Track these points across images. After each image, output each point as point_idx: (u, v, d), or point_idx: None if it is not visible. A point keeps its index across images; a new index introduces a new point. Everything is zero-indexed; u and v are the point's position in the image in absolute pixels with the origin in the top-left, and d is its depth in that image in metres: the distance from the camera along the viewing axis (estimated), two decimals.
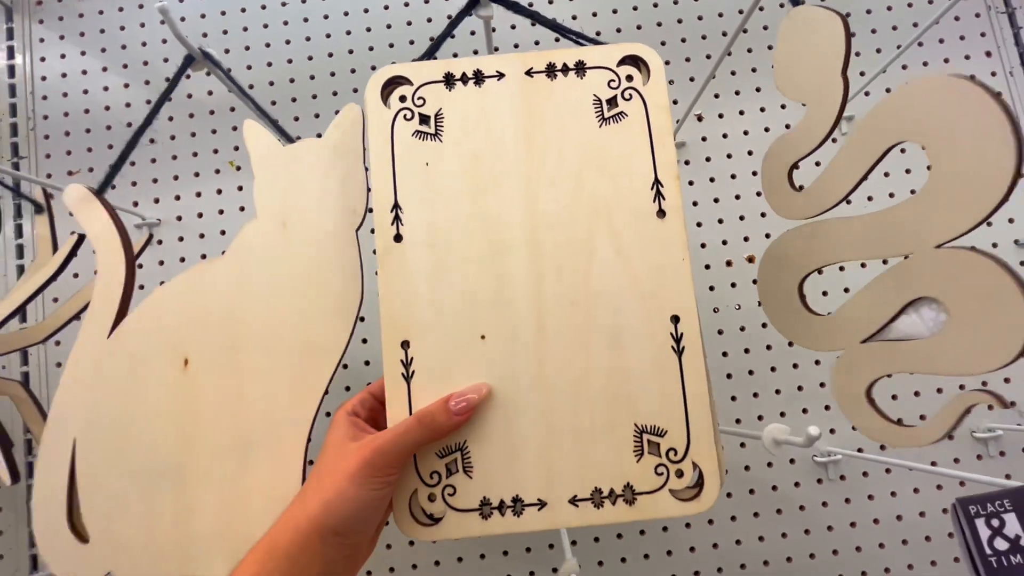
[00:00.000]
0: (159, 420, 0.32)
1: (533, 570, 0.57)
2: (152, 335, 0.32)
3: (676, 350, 0.32)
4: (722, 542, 0.56)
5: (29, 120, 0.63)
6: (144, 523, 0.31)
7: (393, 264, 0.31)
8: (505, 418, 0.31)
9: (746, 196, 0.60)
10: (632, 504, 0.31)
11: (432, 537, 0.31)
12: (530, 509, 0.31)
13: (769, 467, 0.57)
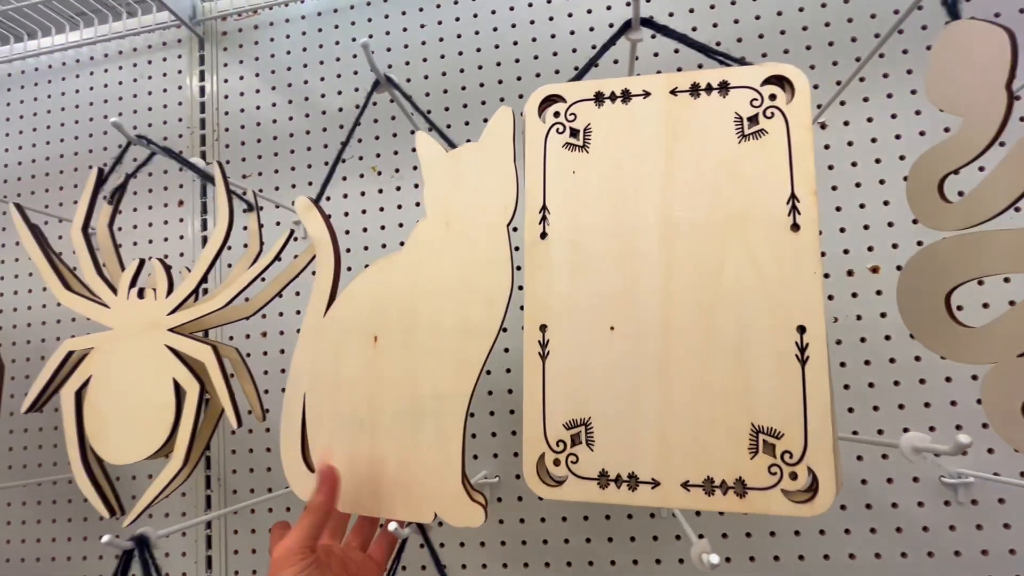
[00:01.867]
0: (357, 384, 0.39)
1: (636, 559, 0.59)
2: (351, 318, 0.39)
3: (800, 359, 0.33)
4: (834, 554, 0.55)
5: (215, 132, 0.76)
6: (348, 463, 0.38)
7: (537, 257, 0.36)
8: (627, 402, 0.34)
9: (872, 205, 0.59)
10: (742, 497, 0.33)
11: (553, 496, 0.35)
12: (644, 486, 0.34)
13: (889, 483, 0.55)
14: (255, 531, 0.68)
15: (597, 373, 0.35)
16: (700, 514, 0.58)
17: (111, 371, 0.43)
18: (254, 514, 0.68)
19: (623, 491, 0.34)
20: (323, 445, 0.39)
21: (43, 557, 0.72)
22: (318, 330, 0.40)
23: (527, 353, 0.36)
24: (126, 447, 0.42)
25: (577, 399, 0.35)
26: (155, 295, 0.44)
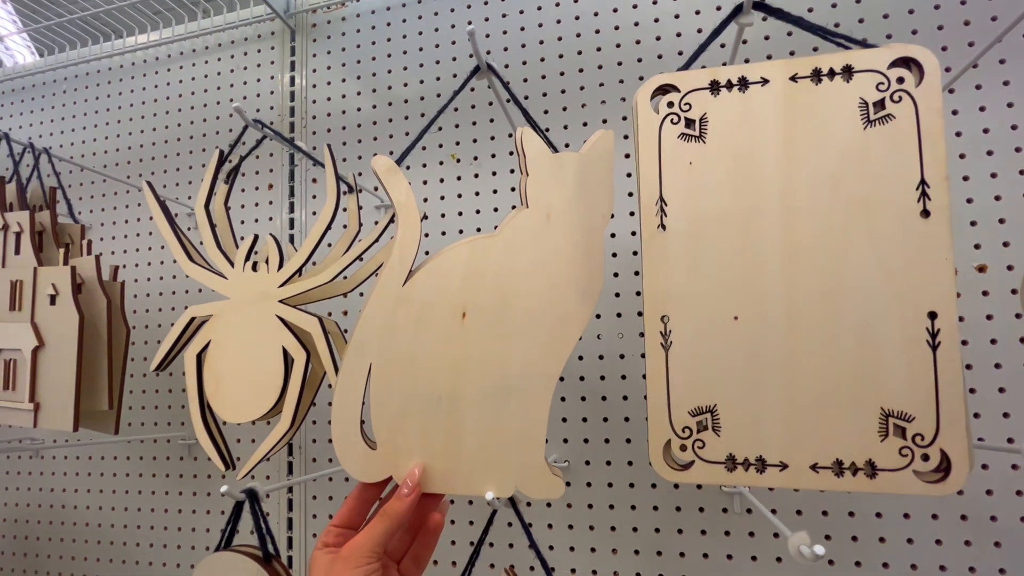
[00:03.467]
0: (439, 357, 0.40)
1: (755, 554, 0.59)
2: (438, 290, 0.40)
3: (931, 345, 0.32)
4: (922, 564, 0.53)
5: (303, 120, 0.80)
6: (420, 439, 0.39)
7: (656, 249, 0.36)
8: (752, 389, 0.34)
9: (1009, 197, 0.54)
10: (873, 478, 0.32)
11: (681, 480, 0.35)
12: (772, 469, 0.34)
13: (988, 495, 0.52)
14: (332, 498, 0.72)
15: (721, 362, 0.35)
16: (776, 511, 0.57)
17: (228, 337, 0.47)
18: (331, 482, 0.72)
19: (751, 474, 0.34)
20: (392, 418, 0.40)
21: (157, 508, 0.79)
22: (395, 299, 0.40)
23: (649, 343, 0.36)
24: (240, 407, 0.46)
25: (701, 387, 0.35)
26: (267, 268, 0.47)
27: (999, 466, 0.52)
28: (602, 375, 0.63)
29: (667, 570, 0.60)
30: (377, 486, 0.39)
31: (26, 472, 0.85)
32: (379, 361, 0.41)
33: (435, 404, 0.40)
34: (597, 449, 0.63)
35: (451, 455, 0.40)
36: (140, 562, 0.78)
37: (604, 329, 0.64)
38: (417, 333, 0.41)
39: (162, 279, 0.80)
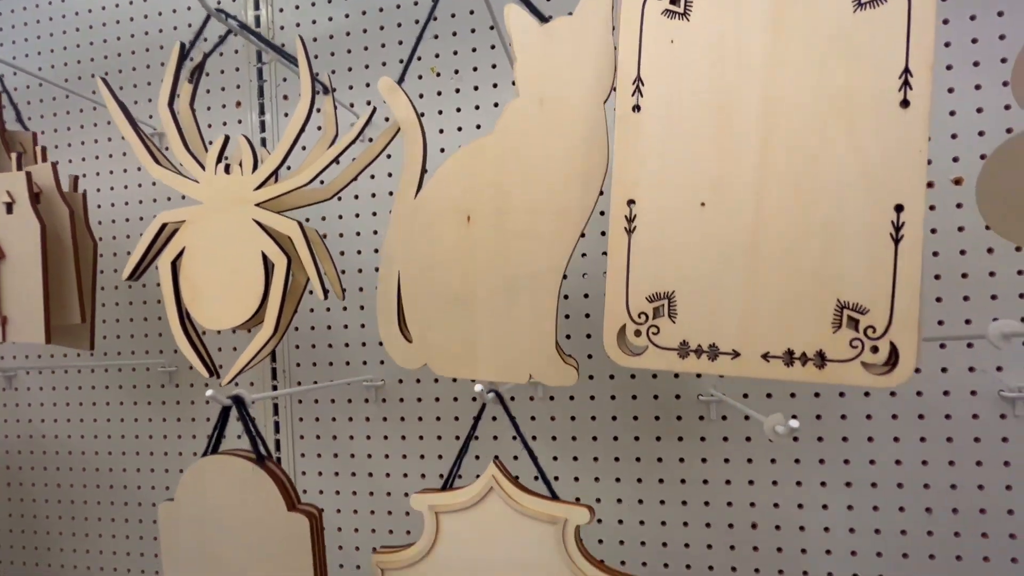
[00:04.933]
0: (451, 262, 0.40)
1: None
2: (443, 198, 0.40)
3: (894, 238, 0.33)
4: (880, 459, 0.57)
5: (269, 30, 0.75)
6: (446, 334, 0.41)
7: (628, 131, 0.35)
8: (713, 277, 0.35)
9: (991, 109, 0.54)
10: (821, 368, 0.34)
11: (632, 365, 0.37)
12: (724, 357, 0.35)
13: (945, 396, 0.56)
14: (317, 401, 0.73)
15: (684, 248, 0.35)
16: (748, 418, 0.60)
17: (203, 243, 0.45)
18: (315, 384, 0.73)
19: (703, 361, 0.35)
20: (420, 317, 0.42)
21: (141, 435, 0.79)
22: (410, 212, 0.41)
23: (613, 227, 0.36)
24: (220, 314, 0.45)
25: (661, 273, 0.36)
26: (241, 171, 0.45)
27: (929, 370, 0.55)
28: (586, 293, 0.64)
29: (645, 474, 0.63)
30: None
31: (0, 404, 0.83)
32: (404, 269, 0.43)
33: (452, 303, 0.42)
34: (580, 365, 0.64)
35: (471, 348, 0.42)
36: (128, 486, 0.79)
37: (589, 248, 0.64)
38: (430, 241, 0.42)
39: (127, 188, 0.76)
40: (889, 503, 0.57)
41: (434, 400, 0.69)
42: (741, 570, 0.61)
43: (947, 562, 0.56)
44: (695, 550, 0.62)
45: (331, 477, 0.72)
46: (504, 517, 0.40)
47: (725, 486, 0.61)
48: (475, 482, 0.41)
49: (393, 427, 0.70)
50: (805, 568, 0.59)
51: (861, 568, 0.58)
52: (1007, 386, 0.54)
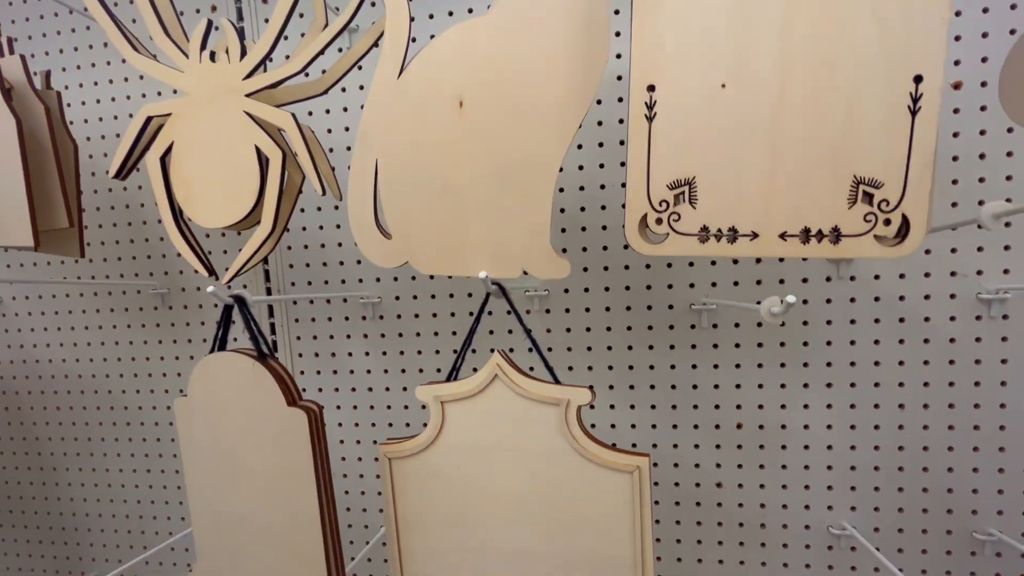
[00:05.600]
0: (440, 149, 0.39)
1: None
2: (432, 80, 0.39)
3: (911, 110, 0.33)
4: (861, 361, 0.60)
5: None
6: (430, 228, 0.40)
7: (647, 13, 0.34)
8: (734, 159, 0.35)
9: (996, 8, 0.53)
10: (836, 244, 0.35)
11: (655, 253, 0.37)
12: (743, 239, 0.36)
13: (926, 300, 0.58)
14: (312, 302, 0.73)
15: (705, 132, 0.35)
16: (739, 325, 0.62)
17: (193, 137, 0.43)
18: (310, 285, 0.72)
19: (723, 244, 0.36)
20: (402, 210, 0.41)
21: (138, 357, 0.79)
22: (392, 95, 0.39)
23: (632, 116, 0.36)
24: (216, 212, 0.44)
25: (682, 159, 0.36)
26: (228, 58, 0.42)
27: (912, 275, 0.57)
28: (582, 207, 0.64)
29: (637, 381, 0.65)
30: None
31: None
32: (384, 156, 0.41)
33: (440, 194, 0.40)
34: (576, 279, 0.65)
35: (459, 241, 0.41)
36: (130, 407, 0.80)
37: (586, 160, 0.63)
38: (416, 126, 0.40)
39: (100, 86, 0.73)
40: (865, 401, 0.61)
41: (431, 316, 0.70)
42: (725, 466, 0.65)
43: (915, 453, 0.60)
44: (683, 450, 0.65)
45: (331, 393, 0.74)
46: (508, 402, 0.41)
47: (713, 390, 0.64)
48: (479, 371, 0.42)
49: (391, 343, 0.71)
50: (784, 462, 0.63)
51: (835, 460, 0.62)
52: (985, 288, 0.56)
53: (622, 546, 0.40)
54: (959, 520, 0.60)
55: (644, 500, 0.39)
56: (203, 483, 0.47)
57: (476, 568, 0.43)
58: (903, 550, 0.62)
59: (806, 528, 0.64)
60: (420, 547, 0.44)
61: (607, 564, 0.40)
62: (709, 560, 0.66)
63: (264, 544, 0.46)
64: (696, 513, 0.66)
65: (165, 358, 0.78)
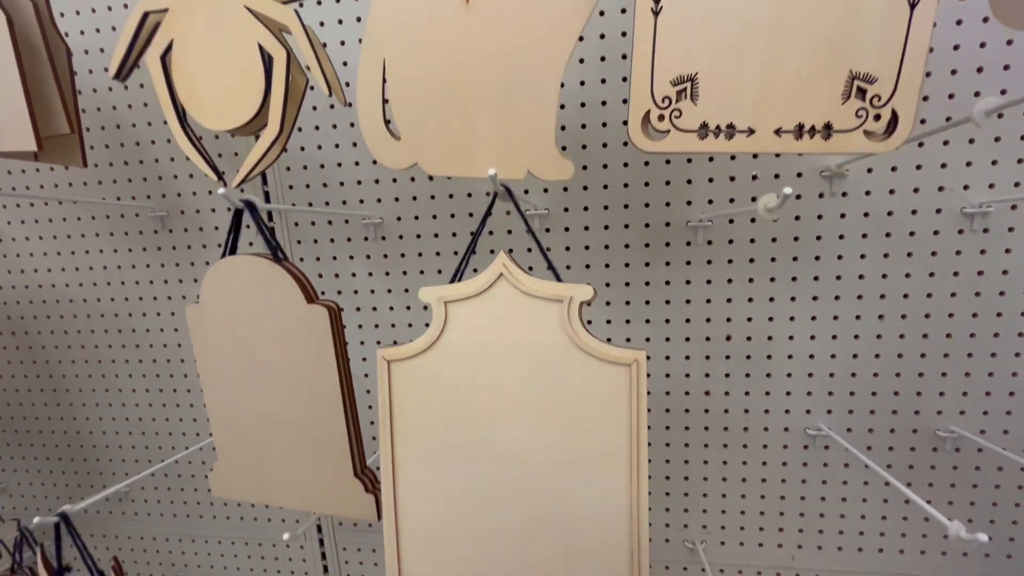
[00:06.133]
0: (448, 51, 0.39)
1: None
2: None
3: (910, 2, 0.34)
4: (846, 275, 0.63)
5: None
6: (438, 132, 0.41)
7: None
8: (734, 55, 0.36)
9: None
10: (827, 139, 0.36)
11: (655, 149, 0.38)
12: (740, 135, 0.37)
13: (913, 215, 0.60)
14: (314, 224, 0.74)
15: (708, 27, 0.35)
16: (733, 241, 0.64)
17: (193, 35, 0.43)
18: (311, 207, 0.74)
19: (720, 140, 0.37)
20: (411, 112, 0.41)
21: (142, 281, 0.80)
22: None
23: (639, 10, 0.36)
24: (221, 113, 0.44)
25: (686, 54, 0.36)
26: None
27: (902, 190, 0.59)
28: (582, 124, 0.64)
29: (633, 297, 0.68)
30: None
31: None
32: (392, 56, 0.40)
33: (449, 99, 0.41)
34: (576, 198, 0.66)
35: (466, 144, 0.42)
36: (137, 330, 0.82)
37: (588, 75, 0.62)
38: (422, 23, 0.39)
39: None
40: (848, 313, 0.64)
41: (433, 236, 0.71)
42: (714, 376, 0.69)
43: (890, 360, 0.64)
44: (674, 362, 0.69)
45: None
46: (512, 301, 0.43)
47: (706, 305, 0.67)
48: (484, 271, 0.43)
49: (394, 264, 0.73)
50: (769, 371, 0.67)
51: (816, 368, 0.66)
52: (969, 203, 0.59)
53: (618, 439, 0.42)
54: (925, 420, 0.65)
55: (640, 393, 0.42)
56: (221, 386, 0.50)
57: (472, 468, 0.45)
58: (872, 447, 0.67)
59: (785, 430, 0.69)
60: (415, 451, 0.45)
61: (603, 458, 0.42)
62: (695, 461, 0.72)
63: (288, 440, 0.49)
64: (684, 419, 0.71)
65: (169, 281, 0.79)
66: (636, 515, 0.42)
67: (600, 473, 0.43)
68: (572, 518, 0.44)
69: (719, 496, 0.72)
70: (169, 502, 0.89)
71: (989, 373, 0.63)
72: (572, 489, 0.43)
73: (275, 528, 0.86)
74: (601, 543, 0.43)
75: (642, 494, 0.42)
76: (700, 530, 0.74)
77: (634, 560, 0.43)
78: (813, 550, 0.72)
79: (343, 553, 0.86)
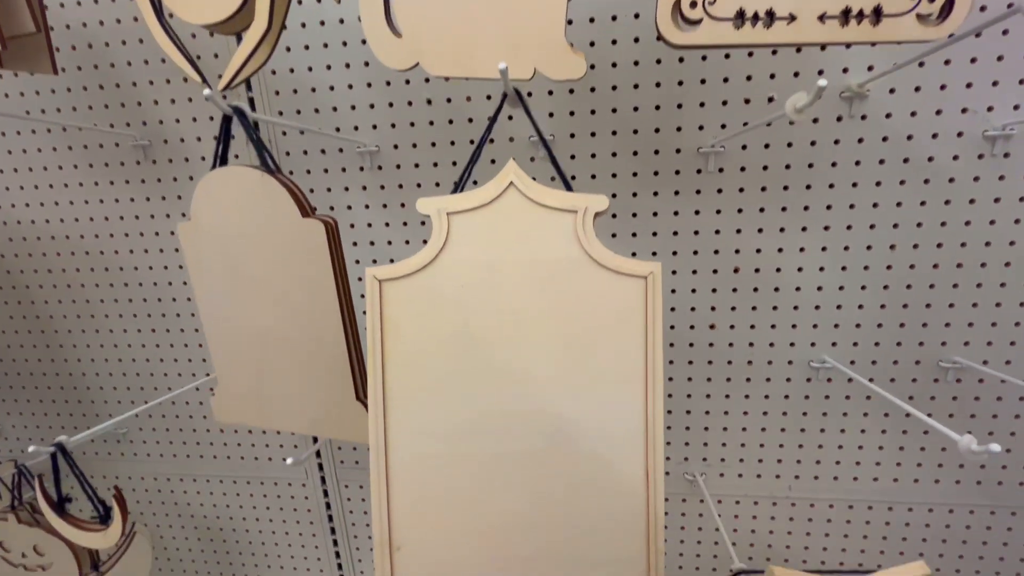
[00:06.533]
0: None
1: None
2: None
3: None
4: (860, 204, 0.61)
5: None
6: (442, 26, 0.38)
7: None
8: None
9: None
10: (876, 25, 0.33)
11: (687, 41, 0.35)
12: (780, 22, 0.34)
13: (933, 138, 0.58)
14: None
15: None
16: (745, 169, 0.62)
17: None
18: (302, 135, 0.70)
19: (758, 29, 0.34)
20: (412, 5, 0.38)
21: (127, 216, 0.76)
22: None
23: None
24: (203, 4, 0.40)
25: None
26: None
27: (924, 112, 0.56)
28: (591, 41, 0.60)
29: (640, 228, 0.66)
30: None
31: None
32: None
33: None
34: (583, 122, 0.63)
35: (472, 39, 0.38)
36: (125, 268, 0.79)
37: None
38: None
39: None
40: (859, 243, 0.63)
41: (432, 166, 0.68)
42: (720, 309, 0.68)
43: (899, 291, 0.64)
44: (680, 295, 0.68)
45: None
46: (522, 212, 0.41)
47: (715, 236, 0.65)
48: (491, 181, 0.41)
49: (391, 196, 0.70)
50: (776, 304, 0.66)
51: (823, 300, 0.65)
52: (992, 125, 0.56)
53: (633, 356, 0.40)
54: (929, 352, 0.65)
55: (656, 307, 0.40)
56: (218, 305, 0.48)
57: (475, 396, 0.41)
58: (873, 379, 0.67)
59: (789, 364, 0.69)
60: (409, 381, 0.41)
61: (617, 376, 0.40)
62: (697, 396, 0.72)
63: (288, 362, 0.47)
64: (688, 353, 0.70)
65: (156, 216, 0.75)
66: (652, 435, 0.40)
67: (614, 393, 0.40)
68: (584, 442, 0.41)
69: (720, 429, 0.73)
70: (168, 442, 0.88)
71: (997, 303, 0.62)
72: (584, 411, 0.41)
73: (276, 467, 0.86)
74: (615, 467, 0.41)
75: (658, 413, 0.40)
76: (700, 463, 0.75)
77: (650, 481, 0.40)
78: (809, 480, 0.73)
79: (345, 490, 0.86)
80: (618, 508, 0.41)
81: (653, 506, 0.40)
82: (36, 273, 0.81)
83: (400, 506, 0.43)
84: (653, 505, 0.40)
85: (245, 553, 0.95)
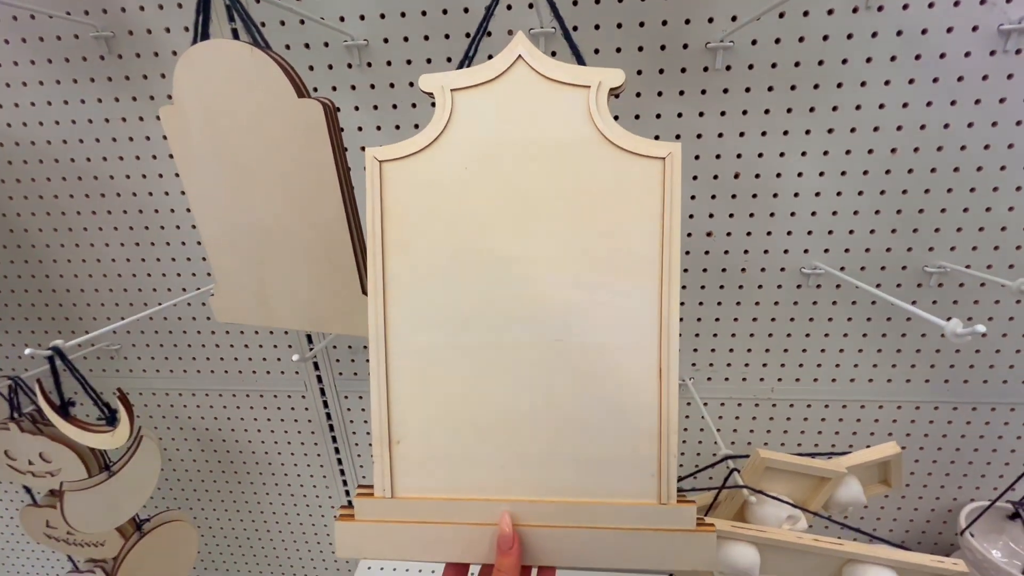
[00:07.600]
0: None
1: None
2: None
3: None
4: (866, 104, 0.60)
5: None
6: None
7: None
8: None
9: None
10: None
11: None
12: None
13: (948, 33, 0.56)
14: None
15: None
16: (753, 67, 0.60)
17: None
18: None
19: None
20: None
21: (96, 119, 0.71)
22: None
23: None
24: None
25: None
26: None
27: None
28: None
29: (642, 131, 0.64)
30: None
31: None
32: None
33: None
34: (586, 14, 0.59)
35: None
36: (100, 176, 0.75)
37: None
38: None
39: None
40: (861, 146, 0.62)
41: (426, 62, 0.64)
42: (717, 216, 0.68)
43: (894, 197, 0.64)
44: None
45: None
46: (531, 88, 0.38)
47: (717, 139, 0.64)
48: (498, 55, 0.38)
49: (382, 96, 0.66)
50: (773, 210, 0.67)
51: (820, 206, 0.66)
52: (1009, 19, 0.55)
53: (648, 244, 0.38)
54: (916, 257, 0.67)
55: (675, 190, 0.37)
56: (208, 198, 0.46)
57: (479, 284, 0.39)
58: (859, 288, 0.69)
59: (781, 270, 0.70)
60: (409, 268, 0.39)
61: (632, 265, 0.38)
62: (691, 303, 0.74)
63: (288, 255, 0.46)
64: (683, 261, 0.71)
65: (128, 119, 0.71)
66: (666, 329, 0.38)
67: (626, 283, 0.38)
68: (593, 335, 0.39)
69: (710, 335, 0.75)
70: (164, 357, 0.88)
71: (987, 208, 0.64)
72: (594, 302, 0.39)
73: (275, 380, 0.88)
74: (626, 362, 0.39)
75: (673, 306, 0.38)
76: (689, 368, 0.78)
77: (663, 379, 0.38)
78: (791, 382, 0.78)
79: (344, 400, 0.88)
80: (629, 406, 0.39)
81: (666, 406, 0.38)
82: (3, 183, 0.77)
83: (400, 399, 0.41)
84: (666, 405, 0.38)
85: (249, 463, 0.98)
